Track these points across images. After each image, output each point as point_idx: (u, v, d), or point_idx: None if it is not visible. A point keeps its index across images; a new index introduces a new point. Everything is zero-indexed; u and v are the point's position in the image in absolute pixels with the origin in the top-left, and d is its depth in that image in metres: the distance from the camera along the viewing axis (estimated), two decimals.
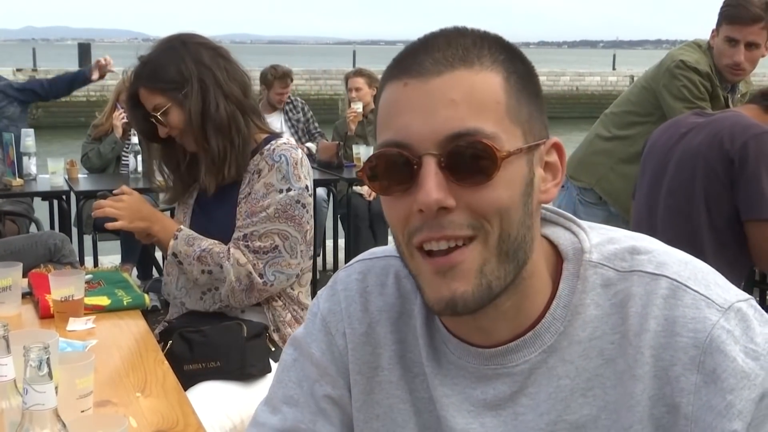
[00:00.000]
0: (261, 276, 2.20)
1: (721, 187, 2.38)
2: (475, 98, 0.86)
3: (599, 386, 0.91)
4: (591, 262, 0.93)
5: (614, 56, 35.51)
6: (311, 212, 2.28)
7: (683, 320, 0.87)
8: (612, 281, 0.92)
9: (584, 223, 0.98)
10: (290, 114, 6.31)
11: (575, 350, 0.91)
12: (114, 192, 2.29)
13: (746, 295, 0.90)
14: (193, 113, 2.17)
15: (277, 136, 2.32)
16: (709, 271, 0.92)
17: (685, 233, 2.43)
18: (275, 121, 6.22)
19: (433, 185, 0.85)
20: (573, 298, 0.92)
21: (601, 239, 0.95)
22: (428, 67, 0.87)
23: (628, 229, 1.00)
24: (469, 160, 0.85)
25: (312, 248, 2.32)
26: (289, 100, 6.31)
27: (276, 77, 6.14)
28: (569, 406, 0.91)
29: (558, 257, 0.96)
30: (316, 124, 6.41)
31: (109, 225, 2.26)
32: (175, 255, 2.24)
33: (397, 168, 0.88)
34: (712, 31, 3.14)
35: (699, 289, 0.89)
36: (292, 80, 6.30)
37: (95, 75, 5.69)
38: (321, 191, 5.64)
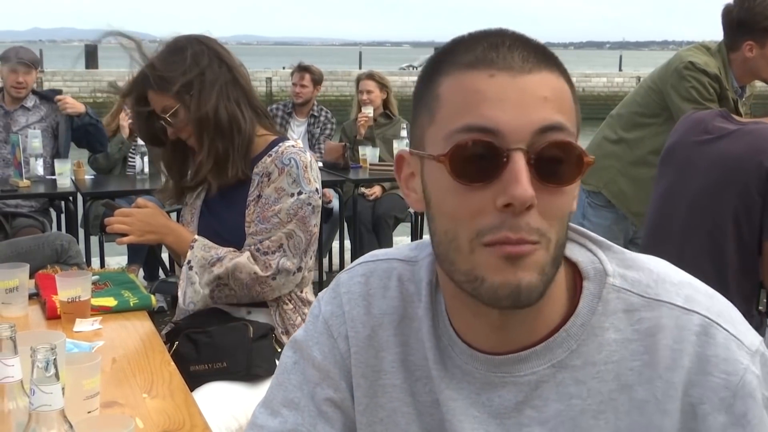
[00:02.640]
0: (269, 274, 2.21)
1: (753, 203, 2.29)
2: (561, 101, 0.86)
3: (612, 411, 0.90)
4: (614, 286, 0.93)
5: (620, 57, 35.45)
6: (319, 214, 2.29)
7: (715, 360, 0.88)
8: (635, 306, 0.92)
9: (599, 241, 0.97)
10: (311, 128, 6.21)
11: (589, 371, 0.91)
12: (135, 204, 2.33)
13: (760, 337, 0.92)
14: (200, 113, 2.17)
15: (283, 138, 2.33)
16: (730, 306, 0.93)
17: (709, 248, 2.35)
18: (300, 127, 6.20)
19: (527, 181, 0.82)
20: (592, 319, 0.92)
21: (619, 262, 0.95)
22: (518, 63, 0.85)
23: (639, 233, 1.00)
24: (557, 161, 0.84)
25: (315, 249, 2.32)
26: (317, 114, 6.22)
27: (294, 71, 6.23)
28: (579, 425, 0.91)
29: (573, 274, 0.95)
30: (325, 137, 6.26)
31: (119, 240, 2.31)
32: (189, 263, 2.23)
33: (482, 157, 0.83)
34: (747, 44, 3.08)
35: (729, 328, 0.89)
36: (312, 76, 6.16)
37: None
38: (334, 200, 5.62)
